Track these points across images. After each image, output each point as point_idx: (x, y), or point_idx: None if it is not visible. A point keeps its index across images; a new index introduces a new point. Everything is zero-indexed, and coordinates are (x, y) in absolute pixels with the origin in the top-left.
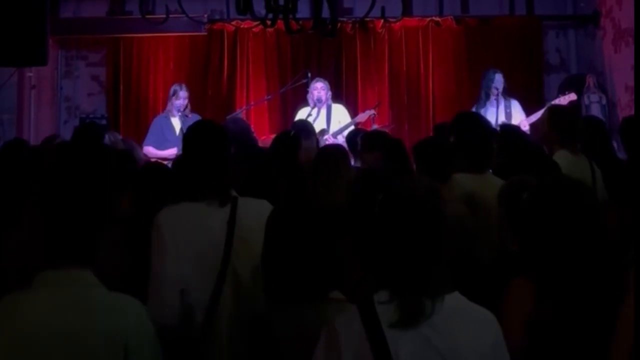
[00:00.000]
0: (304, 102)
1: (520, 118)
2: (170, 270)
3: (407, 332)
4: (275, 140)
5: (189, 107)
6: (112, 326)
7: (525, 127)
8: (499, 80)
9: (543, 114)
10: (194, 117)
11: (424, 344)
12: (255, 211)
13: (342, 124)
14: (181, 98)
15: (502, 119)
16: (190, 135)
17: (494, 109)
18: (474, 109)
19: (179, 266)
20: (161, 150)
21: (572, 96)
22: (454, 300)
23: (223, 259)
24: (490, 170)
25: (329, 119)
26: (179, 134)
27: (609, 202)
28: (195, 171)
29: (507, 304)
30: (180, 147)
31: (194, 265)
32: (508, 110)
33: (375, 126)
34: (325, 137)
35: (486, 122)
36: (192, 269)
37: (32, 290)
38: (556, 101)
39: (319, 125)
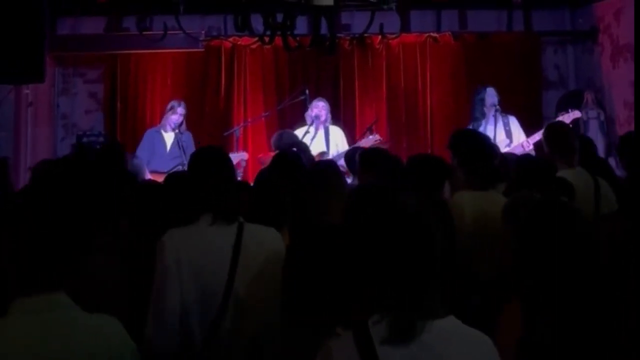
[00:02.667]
0: (301, 121)
1: (519, 135)
2: (171, 294)
3: (398, 351)
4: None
5: (184, 124)
6: (92, 347)
7: (529, 147)
8: (490, 94)
9: (542, 133)
10: (188, 135)
11: None
12: (261, 237)
13: (341, 149)
14: (178, 114)
15: (501, 136)
16: (196, 160)
17: (492, 127)
18: (470, 125)
19: (181, 290)
20: (151, 172)
21: (576, 114)
22: (447, 322)
23: (227, 283)
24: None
25: (328, 141)
26: (170, 149)
27: (607, 216)
28: (202, 194)
29: (499, 326)
30: (169, 163)
31: (197, 289)
32: (507, 128)
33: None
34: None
35: (486, 139)
36: (194, 293)
37: (8, 318)
38: (559, 118)
39: (317, 145)
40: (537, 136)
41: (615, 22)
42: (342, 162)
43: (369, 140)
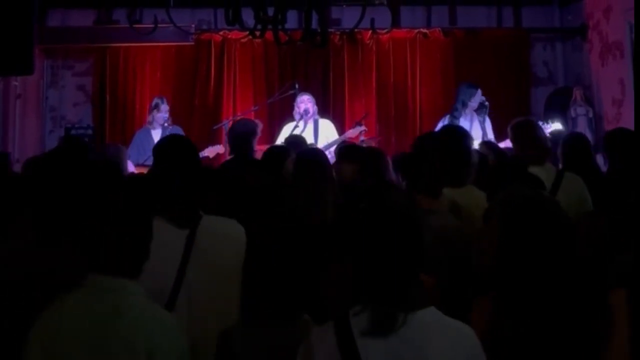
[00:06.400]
0: (290, 116)
1: (491, 137)
2: None
3: (378, 344)
4: (264, 153)
5: (169, 119)
6: (138, 335)
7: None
8: (479, 94)
9: (509, 130)
10: (175, 129)
11: (395, 356)
12: (219, 229)
13: (330, 139)
14: (163, 111)
15: (477, 132)
16: (157, 150)
17: (469, 123)
18: (447, 119)
19: None
20: (137, 165)
21: (557, 125)
22: (429, 314)
23: (177, 275)
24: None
25: (317, 133)
26: None
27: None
28: (160, 185)
29: (471, 320)
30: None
31: (147, 280)
32: (482, 126)
33: (362, 138)
34: None
35: (467, 136)
36: (145, 283)
37: (78, 291)
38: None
39: (306, 139)
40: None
41: (604, 20)
42: (331, 156)
43: (355, 131)
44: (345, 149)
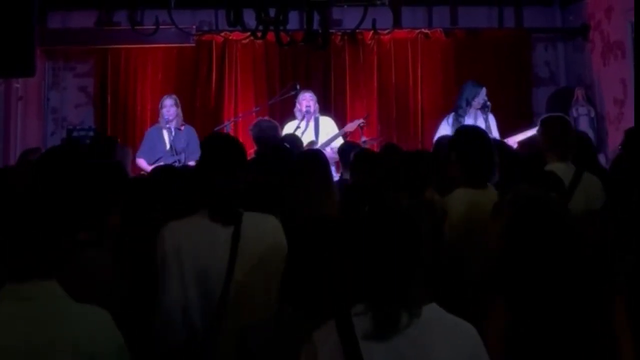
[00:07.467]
0: (291, 116)
1: (496, 134)
2: (173, 286)
3: (381, 344)
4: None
5: (180, 117)
6: (78, 337)
7: (513, 146)
8: (483, 94)
9: (538, 127)
10: (188, 129)
11: (398, 356)
12: (260, 226)
13: (331, 136)
14: (166, 106)
15: None
16: (203, 148)
17: (473, 122)
18: (451, 118)
19: (183, 282)
20: (151, 164)
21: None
22: (431, 311)
23: (227, 274)
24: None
25: (317, 131)
26: (169, 145)
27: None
28: (203, 184)
29: (486, 321)
30: (168, 159)
31: (197, 280)
32: (487, 124)
33: (364, 138)
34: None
35: (488, 137)
36: (195, 284)
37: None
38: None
39: (307, 137)
40: (522, 136)
41: (606, 19)
42: (329, 152)
43: (354, 124)
44: (359, 156)
